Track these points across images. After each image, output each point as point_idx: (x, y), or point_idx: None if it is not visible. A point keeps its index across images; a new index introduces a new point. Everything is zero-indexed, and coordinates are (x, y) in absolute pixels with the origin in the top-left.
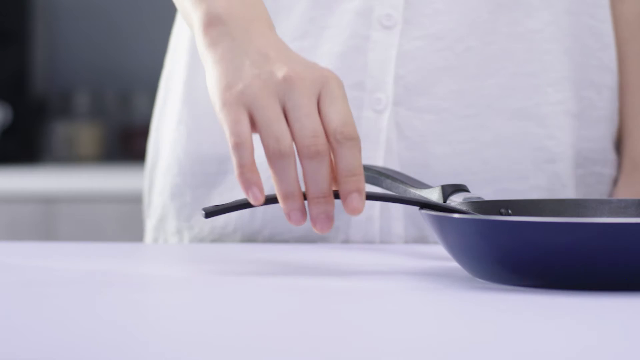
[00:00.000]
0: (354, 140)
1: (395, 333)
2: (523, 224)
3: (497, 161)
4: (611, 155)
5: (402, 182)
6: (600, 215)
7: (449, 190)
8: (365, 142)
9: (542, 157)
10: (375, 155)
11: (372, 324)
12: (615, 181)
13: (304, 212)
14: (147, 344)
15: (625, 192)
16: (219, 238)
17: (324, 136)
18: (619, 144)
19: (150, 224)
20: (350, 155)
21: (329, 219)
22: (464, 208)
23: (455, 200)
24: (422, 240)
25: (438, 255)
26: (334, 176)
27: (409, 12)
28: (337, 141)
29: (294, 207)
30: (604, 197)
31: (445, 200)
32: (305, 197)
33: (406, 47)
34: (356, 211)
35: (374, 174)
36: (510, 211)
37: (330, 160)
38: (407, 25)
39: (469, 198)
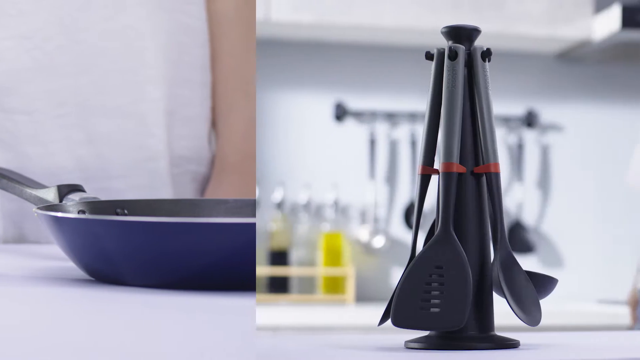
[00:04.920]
0: None
1: None
2: (139, 224)
3: (93, 160)
4: (207, 153)
5: (18, 182)
6: (217, 215)
7: (65, 190)
8: None
9: (142, 156)
10: None
11: None
12: (208, 179)
13: None
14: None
15: (214, 192)
16: None
17: None
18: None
19: None
20: None
21: None
22: (80, 207)
23: (72, 199)
24: (21, 239)
25: (53, 255)
26: None
27: None
28: None
29: None
30: (198, 194)
31: (61, 200)
32: None
33: None
34: None
35: None
36: (126, 211)
37: None
38: None
39: (85, 198)
